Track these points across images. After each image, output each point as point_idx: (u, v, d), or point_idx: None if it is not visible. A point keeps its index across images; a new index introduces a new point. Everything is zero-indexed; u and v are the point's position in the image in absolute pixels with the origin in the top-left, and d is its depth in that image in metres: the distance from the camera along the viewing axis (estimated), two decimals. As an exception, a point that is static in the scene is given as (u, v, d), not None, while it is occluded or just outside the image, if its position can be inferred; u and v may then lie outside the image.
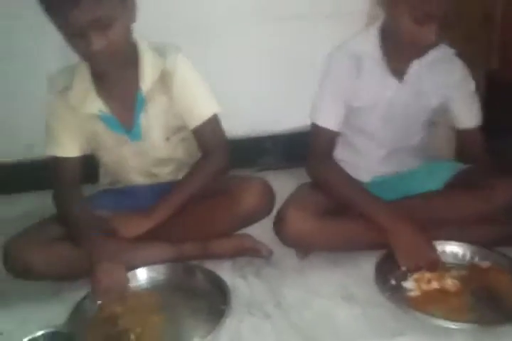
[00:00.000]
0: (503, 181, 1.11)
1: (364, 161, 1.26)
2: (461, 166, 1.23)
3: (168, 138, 1.16)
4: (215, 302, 1.00)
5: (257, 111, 1.64)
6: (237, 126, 1.44)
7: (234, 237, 1.20)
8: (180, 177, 1.19)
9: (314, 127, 1.18)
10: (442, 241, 1.12)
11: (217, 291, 1.03)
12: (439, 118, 1.28)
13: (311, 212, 1.12)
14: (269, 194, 1.16)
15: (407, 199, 1.17)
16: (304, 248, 1.19)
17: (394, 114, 1.18)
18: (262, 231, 1.19)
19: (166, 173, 1.22)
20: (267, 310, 1.02)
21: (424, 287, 1.03)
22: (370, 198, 1.12)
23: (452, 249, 1.13)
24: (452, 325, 0.91)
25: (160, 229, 1.08)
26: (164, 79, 1.09)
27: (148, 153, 1.16)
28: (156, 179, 1.22)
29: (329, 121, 1.16)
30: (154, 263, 1.11)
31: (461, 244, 1.13)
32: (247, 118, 1.62)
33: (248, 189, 1.14)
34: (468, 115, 1.22)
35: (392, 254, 1.08)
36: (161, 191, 1.13)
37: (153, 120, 1.12)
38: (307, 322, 0.99)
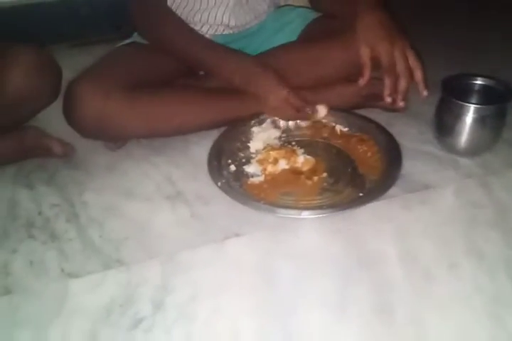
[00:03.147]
0: None
1: (206, 11, 0.93)
2: (315, 14, 1.00)
3: None
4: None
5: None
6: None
7: (13, 134, 0.83)
8: None
9: None
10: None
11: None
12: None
13: (115, 85, 0.80)
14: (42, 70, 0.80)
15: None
16: (112, 136, 0.86)
17: None
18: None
19: None
20: (57, 229, 0.72)
21: (271, 169, 0.79)
22: (222, 50, 0.87)
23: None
24: (298, 215, 0.70)
25: None
26: None
27: None
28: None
29: None
30: None
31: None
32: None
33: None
34: None
35: (234, 131, 0.86)
36: None
37: None
38: (114, 235, 0.71)
